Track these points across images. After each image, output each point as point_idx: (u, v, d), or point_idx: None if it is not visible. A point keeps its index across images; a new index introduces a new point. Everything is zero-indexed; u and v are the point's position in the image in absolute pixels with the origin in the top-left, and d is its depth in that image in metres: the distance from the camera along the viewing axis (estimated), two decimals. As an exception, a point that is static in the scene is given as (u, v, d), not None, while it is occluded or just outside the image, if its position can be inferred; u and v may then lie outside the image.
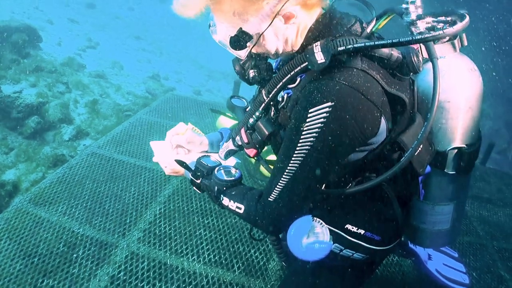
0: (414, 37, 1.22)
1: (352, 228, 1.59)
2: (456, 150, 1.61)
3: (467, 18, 1.36)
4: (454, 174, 1.65)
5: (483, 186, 4.52)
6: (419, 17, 1.43)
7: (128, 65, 12.46)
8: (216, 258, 2.80)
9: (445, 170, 1.64)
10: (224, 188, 1.59)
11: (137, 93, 9.57)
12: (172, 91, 10.37)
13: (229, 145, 1.76)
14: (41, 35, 9.65)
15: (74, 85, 8.22)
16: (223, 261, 2.78)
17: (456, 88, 1.52)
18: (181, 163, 1.71)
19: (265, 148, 2.88)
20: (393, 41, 1.21)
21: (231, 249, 2.89)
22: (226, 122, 3.95)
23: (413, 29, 1.38)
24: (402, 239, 2.44)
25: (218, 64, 15.73)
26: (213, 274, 2.66)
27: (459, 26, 1.32)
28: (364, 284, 1.96)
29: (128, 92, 9.33)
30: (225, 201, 1.57)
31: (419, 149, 1.41)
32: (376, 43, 1.22)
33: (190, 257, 2.79)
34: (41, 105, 6.50)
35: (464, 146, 1.61)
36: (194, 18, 1.37)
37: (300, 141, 1.27)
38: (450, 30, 1.28)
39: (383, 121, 1.30)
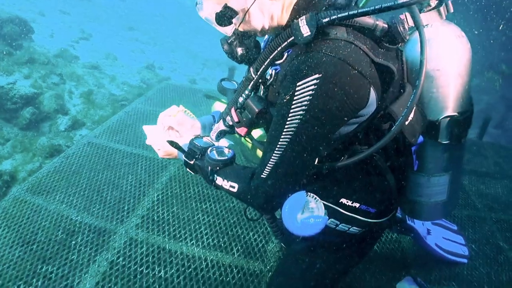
0: (396, 2, 1.23)
1: (347, 202, 1.59)
2: (448, 119, 1.60)
3: None
4: (448, 144, 1.65)
5: (480, 160, 4.55)
6: None
7: (122, 56, 12.39)
8: (215, 241, 2.81)
9: (438, 140, 1.64)
10: (217, 168, 1.59)
11: (132, 83, 9.53)
12: (167, 80, 10.33)
13: (220, 126, 1.77)
14: (33, 27, 9.58)
15: (68, 76, 8.17)
16: (222, 244, 2.79)
17: (444, 55, 1.52)
18: (172, 143, 1.71)
19: (260, 133, 2.89)
20: (375, 7, 1.22)
21: (229, 232, 2.90)
22: (221, 107, 3.94)
23: None
24: (400, 215, 2.46)
25: (212, 52, 15.71)
26: (212, 257, 2.68)
27: None
28: (363, 261, 1.97)
29: (123, 83, 9.29)
30: (219, 180, 1.58)
31: (410, 118, 1.43)
32: (359, 11, 1.23)
33: (188, 241, 2.80)
34: (36, 96, 6.47)
35: (456, 114, 1.61)
36: None
37: (290, 114, 1.27)
38: None
39: (372, 91, 1.30)
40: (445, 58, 1.52)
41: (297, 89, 1.24)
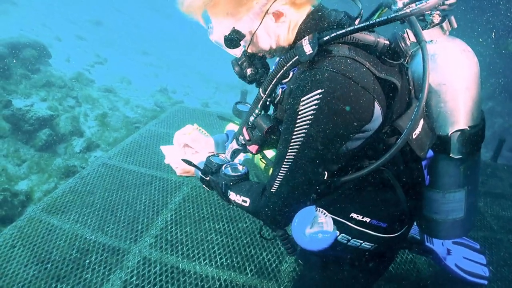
0: (390, 16, 1.26)
1: (357, 216, 1.59)
2: (459, 133, 1.60)
3: None
4: (461, 158, 1.64)
5: (495, 182, 4.51)
6: (405, 5, 1.45)
7: (136, 80, 12.58)
8: (228, 261, 2.80)
9: (450, 155, 1.64)
10: (231, 184, 1.64)
11: (146, 106, 9.65)
12: (180, 103, 10.44)
13: (234, 145, 1.80)
14: (50, 52, 9.77)
15: (84, 99, 8.32)
16: (235, 264, 2.78)
17: (449, 70, 1.52)
18: (187, 161, 1.75)
19: (272, 154, 2.90)
20: (370, 22, 1.25)
21: (243, 252, 2.89)
22: (234, 128, 3.96)
23: None
24: (419, 237, 2.43)
25: (225, 76, 15.84)
26: (225, 277, 2.66)
27: (432, 1, 1.36)
28: (378, 281, 1.95)
29: (137, 106, 9.41)
30: (232, 195, 1.61)
31: (418, 132, 1.43)
32: (356, 26, 1.26)
33: (202, 261, 2.79)
34: (52, 118, 6.58)
35: (467, 128, 1.60)
36: (198, 20, 1.45)
37: (295, 130, 1.30)
38: (424, 5, 1.32)
39: (377, 106, 1.32)
40: (451, 72, 1.53)
41: (301, 104, 1.27)
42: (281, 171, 1.39)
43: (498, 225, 3.63)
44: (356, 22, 1.45)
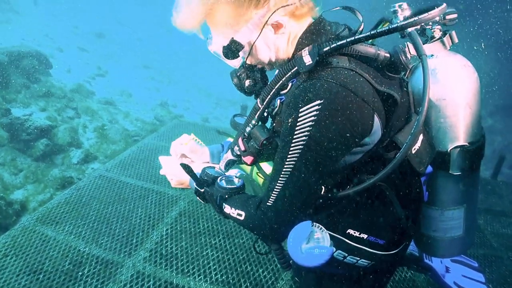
0: (390, 27, 1.26)
1: (354, 232, 1.56)
2: (458, 149, 1.58)
3: (444, 5, 1.40)
4: (460, 175, 1.62)
5: (495, 199, 4.49)
6: (406, 18, 1.45)
7: (136, 93, 12.61)
8: (224, 277, 2.76)
9: (449, 171, 1.62)
10: (226, 196, 1.60)
11: (146, 120, 9.64)
12: (180, 118, 10.44)
13: (228, 156, 1.78)
14: (51, 62, 9.78)
15: (83, 111, 8.31)
16: (231, 280, 2.74)
17: (450, 85, 1.51)
18: (185, 166, 1.72)
19: (270, 168, 2.88)
20: (371, 33, 1.25)
21: (238, 268, 2.85)
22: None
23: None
24: (417, 254, 2.40)
25: (226, 92, 15.88)
26: (220, 293, 2.63)
27: (435, 11, 1.35)
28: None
29: (137, 119, 9.40)
30: (227, 208, 1.58)
31: (417, 147, 1.42)
32: (357, 37, 1.26)
33: (196, 276, 2.75)
34: (51, 128, 6.57)
35: (467, 144, 1.58)
36: (195, 32, 1.45)
37: (293, 141, 1.28)
38: (424, 17, 1.31)
39: (376, 119, 1.30)
40: (451, 87, 1.52)
41: (299, 115, 1.25)
42: (278, 184, 1.36)
43: (498, 242, 3.60)
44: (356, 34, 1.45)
